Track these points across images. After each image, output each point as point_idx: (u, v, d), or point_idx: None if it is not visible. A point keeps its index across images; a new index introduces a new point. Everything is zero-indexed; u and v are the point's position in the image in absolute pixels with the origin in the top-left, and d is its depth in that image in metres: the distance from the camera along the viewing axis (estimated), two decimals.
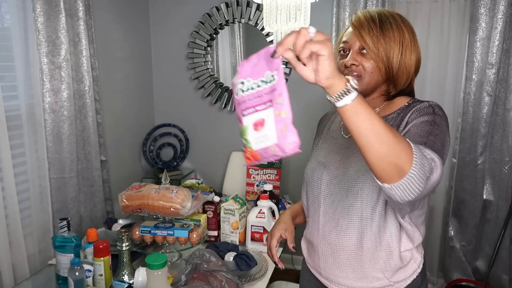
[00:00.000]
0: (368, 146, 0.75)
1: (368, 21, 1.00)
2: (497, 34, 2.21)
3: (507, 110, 2.28)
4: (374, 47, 0.99)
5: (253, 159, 0.76)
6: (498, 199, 2.41)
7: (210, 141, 2.95)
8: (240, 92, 0.78)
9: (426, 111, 0.98)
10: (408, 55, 1.01)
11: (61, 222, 1.33)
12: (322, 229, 1.10)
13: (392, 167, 0.75)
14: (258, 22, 2.62)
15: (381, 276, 1.05)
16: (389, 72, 1.00)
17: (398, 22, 1.01)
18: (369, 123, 0.74)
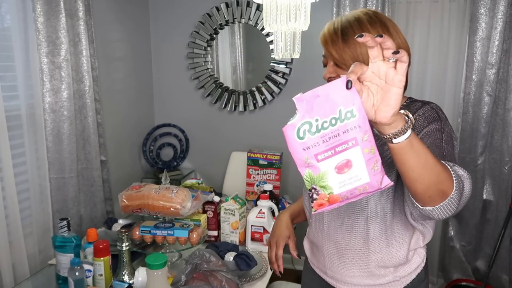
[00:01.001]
0: (418, 178, 0.75)
1: (330, 35, 1.00)
2: (497, 34, 2.21)
3: (507, 110, 2.28)
4: (341, 58, 0.99)
5: (329, 204, 0.69)
6: (498, 199, 2.41)
7: (210, 141, 2.95)
8: (306, 135, 0.68)
9: (432, 116, 0.97)
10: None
11: (61, 222, 1.33)
12: (327, 229, 1.10)
13: (438, 193, 0.76)
14: (258, 22, 2.62)
15: (387, 272, 1.06)
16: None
17: (362, 23, 0.98)
18: (420, 157, 0.73)
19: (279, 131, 2.40)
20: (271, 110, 2.78)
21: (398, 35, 1.01)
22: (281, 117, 3.06)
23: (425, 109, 0.99)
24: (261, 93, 2.73)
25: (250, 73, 2.78)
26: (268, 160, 2.09)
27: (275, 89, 2.69)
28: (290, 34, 1.67)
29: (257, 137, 2.82)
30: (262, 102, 2.75)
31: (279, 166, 2.09)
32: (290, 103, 2.23)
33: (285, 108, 2.73)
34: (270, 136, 2.78)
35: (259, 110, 2.80)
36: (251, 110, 2.81)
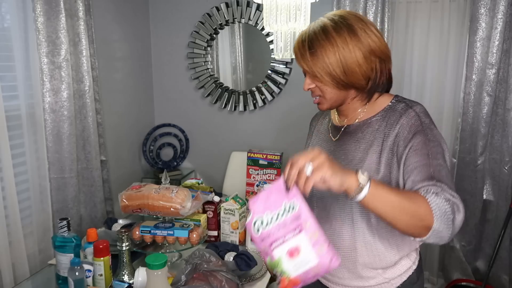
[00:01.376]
0: (394, 220, 0.86)
1: (299, 48, 1.02)
2: (497, 34, 2.21)
3: (507, 110, 2.28)
4: (312, 71, 1.00)
5: (292, 285, 0.79)
6: (498, 199, 2.41)
7: (210, 141, 2.95)
8: (260, 229, 0.82)
9: (416, 125, 0.97)
10: (349, 55, 0.97)
11: (61, 222, 1.33)
12: None
13: (419, 227, 0.85)
14: (258, 22, 2.62)
15: (376, 274, 1.06)
16: (339, 83, 0.99)
17: (328, 33, 0.98)
18: (388, 203, 0.84)
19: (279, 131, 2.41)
20: (271, 110, 2.78)
21: (369, 36, 0.99)
22: (281, 117, 3.07)
23: (409, 115, 0.99)
24: (261, 93, 2.73)
25: (250, 73, 2.78)
26: (268, 160, 2.09)
27: (275, 89, 2.69)
28: (290, 34, 1.67)
29: (257, 137, 2.82)
30: (262, 102, 2.75)
31: (279, 166, 2.09)
32: (290, 103, 2.25)
33: (285, 108, 2.74)
34: (270, 136, 2.78)
35: (259, 110, 2.80)
36: (251, 110, 2.81)
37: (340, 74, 0.98)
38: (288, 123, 2.75)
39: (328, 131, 1.16)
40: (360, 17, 1.02)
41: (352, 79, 0.99)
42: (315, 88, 1.04)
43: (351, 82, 1.00)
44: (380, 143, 1.00)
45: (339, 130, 1.12)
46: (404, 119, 0.99)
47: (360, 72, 0.99)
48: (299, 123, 2.72)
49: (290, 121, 2.74)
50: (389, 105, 1.05)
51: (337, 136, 1.11)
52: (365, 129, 1.04)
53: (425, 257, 2.66)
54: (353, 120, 1.09)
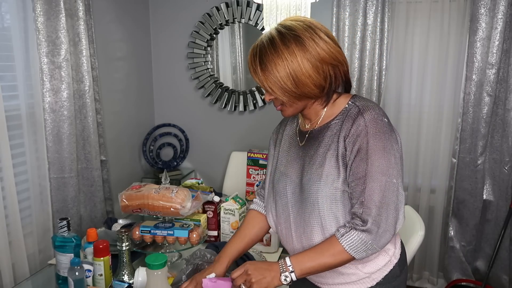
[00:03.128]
0: (327, 271, 1.06)
1: (251, 63, 1.01)
2: (497, 34, 2.21)
3: (507, 110, 2.29)
4: (264, 86, 1.00)
5: None
6: (498, 199, 2.41)
7: (210, 141, 2.95)
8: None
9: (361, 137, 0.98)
10: (298, 68, 0.96)
11: (61, 222, 1.33)
12: (295, 235, 1.12)
13: (350, 263, 1.05)
14: (258, 22, 2.62)
15: (355, 270, 1.09)
16: (294, 94, 0.99)
17: (276, 45, 0.97)
18: (316, 268, 1.02)
19: None
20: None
21: (317, 44, 0.97)
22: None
23: (357, 124, 0.99)
24: (261, 93, 2.73)
25: None
26: None
27: None
28: None
29: (257, 137, 2.82)
30: (262, 102, 2.75)
31: None
32: None
33: None
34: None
35: (259, 110, 2.80)
36: (251, 110, 2.81)
37: (291, 87, 0.98)
38: None
39: (296, 135, 1.16)
40: (308, 25, 0.99)
41: (304, 90, 0.99)
42: (276, 99, 1.05)
43: (304, 93, 1.00)
44: (336, 147, 1.02)
45: (304, 134, 1.13)
46: (353, 128, 0.99)
47: (312, 82, 0.98)
48: None
49: None
50: (345, 107, 1.05)
51: (303, 141, 1.12)
52: (325, 133, 1.06)
53: (425, 257, 2.66)
54: (316, 123, 1.10)
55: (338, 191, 1.02)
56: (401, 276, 1.13)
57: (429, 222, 2.58)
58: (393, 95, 2.50)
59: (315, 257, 1.01)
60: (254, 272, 1.01)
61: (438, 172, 2.53)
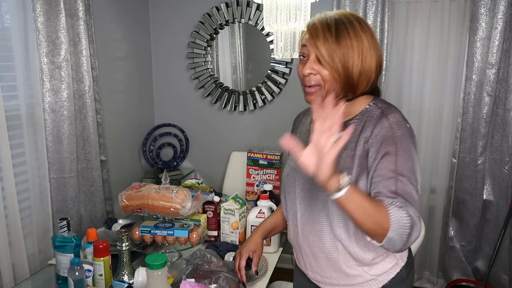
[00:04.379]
0: (359, 222, 0.91)
1: (323, 30, 0.97)
2: (497, 34, 2.21)
3: (507, 110, 2.28)
4: (329, 58, 0.96)
5: None
6: (498, 199, 2.41)
7: (210, 141, 2.95)
8: None
9: (387, 138, 0.96)
10: (368, 62, 0.98)
11: (61, 222, 1.33)
12: (301, 232, 1.11)
13: (377, 234, 0.91)
14: (258, 22, 2.62)
15: (361, 272, 1.07)
16: (347, 80, 0.98)
17: (356, 29, 0.97)
18: (360, 208, 0.88)
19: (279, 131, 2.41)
20: (271, 110, 2.78)
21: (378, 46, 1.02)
22: (281, 117, 3.08)
23: (382, 125, 0.98)
24: (261, 93, 2.73)
25: (250, 73, 2.78)
26: (268, 160, 2.09)
27: (275, 89, 2.69)
28: (290, 34, 1.67)
29: (257, 137, 2.82)
30: (262, 102, 2.75)
31: (279, 166, 2.09)
32: (290, 103, 2.25)
33: (285, 108, 2.73)
34: (270, 136, 2.78)
35: (259, 110, 2.80)
36: (251, 110, 2.81)
37: (355, 73, 0.97)
38: (288, 123, 2.73)
39: (309, 132, 1.15)
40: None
41: (359, 82, 0.99)
42: (315, 77, 1.00)
43: (356, 84, 0.99)
44: (354, 147, 1.00)
45: None
46: (377, 129, 0.98)
47: (368, 78, 0.99)
48: None
49: (290, 121, 2.73)
50: (366, 108, 1.04)
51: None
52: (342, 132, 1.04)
53: (425, 257, 2.66)
54: None
55: None
56: (407, 280, 1.12)
57: (429, 222, 2.58)
58: (393, 95, 2.50)
59: (367, 198, 0.90)
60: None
61: (438, 172, 2.53)
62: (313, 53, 0.99)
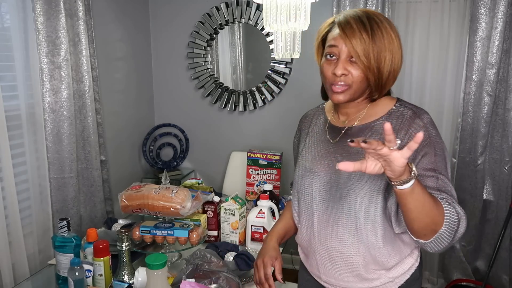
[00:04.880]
0: (415, 218, 0.86)
1: (359, 28, 0.94)
2: (497, 34, 2.21)
3: (507, 110, 2.28)
4: (366, 59, 0.94)
5: None
6: (498, 199, 2.41)
7: (210, 141, 2.95)
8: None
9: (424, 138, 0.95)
10: (397, 61, 0.99)
11: (61, 222, 1.33)
12: (318, 235, 1.09)
13: (429, 230, 0.88)
14: (258, 22, 2.62)
15: (380, 275, 1.06)
16: (377, 81, 0.97)
17: (387, 28, 0.97)
18: (420, 202, 0.84)
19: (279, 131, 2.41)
20: (271, 110, 2.78)
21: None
22: (281, 117, 3.07)
23: (417, 126, 0.97)
24: (261, 93, 2.73)
25: (250, 73, 2.78)
26: (268, 160, 2.09)
27: (275, 89, 2.69)
28: (290, 34, 1.67)
29: (257, 137, 2.82)
30: (262, 102, 2.75)
31: (279, 166, 2.09)
32: (290, 103, 2.24)
33: (285, 108, 2.73)
34: (270, 136, 2.78)
35: (259, 110, 2.80)
36: (251, 110, 2.81)
37: (385, 73, 0.97)
38: (288, 123, 2.74)
39: (325, 132, 1.13)
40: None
41: (387, 82, 0.99)
42: (347, 78, 0.97)
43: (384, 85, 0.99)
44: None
45: (338, 131, 1.09)
46: (413, 131, 0.97)
47: (394, 78, 0.99)
48: (297, 123, 2.72)
49: (290, 121, 2.73)
50: (392, 109, 1.03)
51: (337, 138, 1.08)
52: (369, 133, 1.02)
53: (425, 257, 2.66)
54: (354, 121, 1.07)
55: (380, 192, 0.98)
56: (419, 279, 1.12)
57: None
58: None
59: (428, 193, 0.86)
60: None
61: None
62: (345, 52, 0.96)
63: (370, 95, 1.03)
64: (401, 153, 0.75)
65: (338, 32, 0.98)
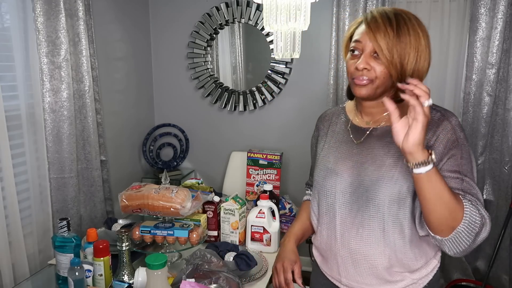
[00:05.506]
0: (432, 210, 0.87)
1: (384, 24, 0.94)
2: (497, 34, 2.21)
3: (507, 110, 2.28)
4: (389, 53, 0.93)
5: None
6: (498, 199, 2.41)
7: (210, 141, 2.95)
8: None
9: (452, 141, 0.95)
10: (423, 61, 0.97)
11: (61, 222, 1.33)
12: (340, 238, 1.07)
13: (447, 226, 0.87)
14: (258, 22, 2.62)
15: (404, 277, 1.05)
16: (401, 77, 0.96)
17: (415, 26, 0.95)
18: (437, 191, 0.85)
19: (279, 131, 2.41)
20: (271, 110, 2.78)
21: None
22: (281, 117, 3.07)
23: (445, 128, 0.97)
24: (261, 93, 2.73)
25: (250, 73, 2.78)
26: (268, 160, 2.09)
27: (275, 89, 2.69)
28: (290, 34, 1.67)
29: (257, 137, 2.82)
30: (262, 102, 2.75)
31: (279, 166, 2.09)
32: (290, 103, 2.25)
33: (285, 108, 2.74)
34: (270, 136, 2.78)
35: (259, 110, 2.80)
36: (251, 110, 2.81)
37: (409, 70, 0.95)
38: (288, 123, 2.75)
39: (348, 133, 1.10)
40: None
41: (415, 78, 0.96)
42: (369, 73, 0.97)
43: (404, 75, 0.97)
44: None
45: (362, 132, 1.07)
46: (440, 132, 0.96)
47: (421, 77, 0.98)
48: (299, 123, 2.72)
49: (290, 121, 2.74)
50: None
51: (361, 139, 1.06)
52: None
53: None
54: (379, 122, 1.05)
55: (409, 194, 0.97)
56: (439, 279, 1.11)
57: None
58: None
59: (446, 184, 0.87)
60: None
61: None
62: (369, 47, 0.96)
63: (395, 96, 1.01)
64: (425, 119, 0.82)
65: (364, 28, 0.98)
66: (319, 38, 2.54)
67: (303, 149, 2.74)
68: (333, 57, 2.48)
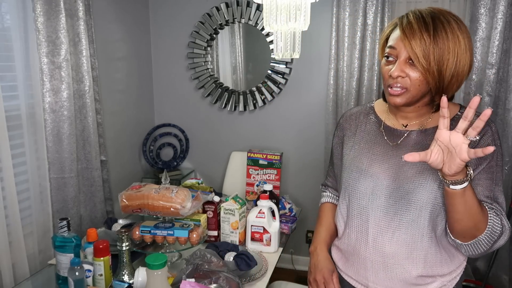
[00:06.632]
0: (459, 220, 0.89)
1: (420, 29, 0.89)
2: (497, 34, 2.21)
3: (507, 110, 2.28)
4: (425, 61, 0.89)
5: None
6: None
7: (210, 141, 2.95)
8: None
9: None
10: (462, 65, 0.91)
11: (61, 222, 1.33)
12: (372, 241, 1.04)
13: (469, 234, 0.91)
14: (258, 22, 2.62)
15: (433, 280, 1.04)
16: (439, 84, 0.92)
17: (454, 29, 0.90)
18: (468, 205, 0.86)
19: (279, 131, 2.42)
20: (271, 110, 2.78)
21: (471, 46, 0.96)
22: (281, 117, 3.06)
23: (487, 134, 0.95)
24: (261, 93, 2.73)
25: (250, 73, 2.78)
26: (268, 160, 2.09)
27: (275, 89, 2.69)
28: (290, 34, 1.67)
29: (257, 137, 2.82)
30: (262, 102, 2.75)
31: (279, 166, 2.09)
32: (290, 103, 2.26)
33: (285, 108, 2.74)
34: (270, 136, 2.78)
35: (259, 110, 2.80)
36: (251, 110, 2.81)
37: (447, 76, 0.91)
38: (288, 123, 2.75)
39: (382, 134, 1.07)
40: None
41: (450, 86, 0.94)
42: (404, 80, 0.93)
43: (446, 89, 0.94)
44: None
45: (398, 134, 1.05)
46: (482, 136, 0.95)
47: (459, 82, 0.94)
48: (299, 123, 2.72)
49: (290, 121, 2.74)
50: (457, 115, 1.00)
51: (398, 141, 1.04)
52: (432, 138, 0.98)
53: None
54: (417, 126, 1.03)
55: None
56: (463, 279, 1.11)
57: None
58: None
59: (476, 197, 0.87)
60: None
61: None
62: (404, 54, 0.92)
63: (432, 100, 0.99)
64: (469, 150, 0.78)
65: (398, 34, 0.94)
66: (319, 38, 2.55)
67: (303, 149, 2.74)
68: (333, 57, 2.48)
